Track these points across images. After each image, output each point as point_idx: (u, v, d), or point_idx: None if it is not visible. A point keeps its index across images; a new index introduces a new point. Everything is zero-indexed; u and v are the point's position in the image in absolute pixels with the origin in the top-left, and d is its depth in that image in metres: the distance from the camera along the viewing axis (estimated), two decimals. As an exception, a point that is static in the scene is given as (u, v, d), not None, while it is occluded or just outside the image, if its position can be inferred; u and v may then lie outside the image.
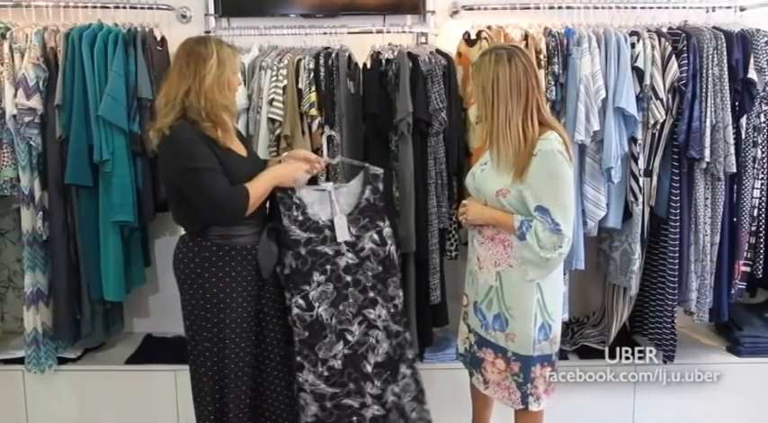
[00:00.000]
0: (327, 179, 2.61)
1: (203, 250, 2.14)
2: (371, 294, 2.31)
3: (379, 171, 2.35)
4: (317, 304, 2.25)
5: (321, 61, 2.68)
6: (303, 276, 2.24)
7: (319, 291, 2.26)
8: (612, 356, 2.91)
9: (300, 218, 2.25)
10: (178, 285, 2.21)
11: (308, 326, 2.24)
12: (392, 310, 2.34)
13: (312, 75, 2.66)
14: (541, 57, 2.66)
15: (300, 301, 2.24)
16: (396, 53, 2.71)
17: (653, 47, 2.68)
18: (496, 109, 2.05)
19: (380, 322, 2.32)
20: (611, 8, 2.84)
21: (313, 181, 2.41)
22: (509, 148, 2.05)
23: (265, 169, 2.25)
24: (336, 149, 2.68)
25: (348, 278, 2.28)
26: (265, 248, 2.19)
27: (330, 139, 2.68)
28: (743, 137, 2.77)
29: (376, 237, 2.32)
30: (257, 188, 2.12)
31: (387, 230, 2.34)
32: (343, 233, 2.28)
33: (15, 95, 2.62)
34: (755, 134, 2.80)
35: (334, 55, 2.70)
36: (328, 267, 2.26)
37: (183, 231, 2.25)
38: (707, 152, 2.68)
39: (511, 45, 2.14)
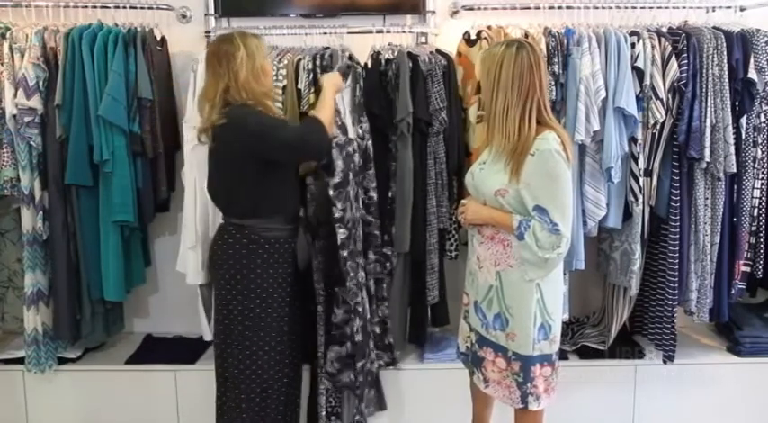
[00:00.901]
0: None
1: (251, 243, 2.26)
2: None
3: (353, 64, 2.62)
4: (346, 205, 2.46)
5: (319, 62, 2.68)
6: (348, 182, 2.45)
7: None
8: (612, 356, 2.93)
9: (340, 123, 2.45)
10: (216, 277, 2.30)
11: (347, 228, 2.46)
12: (366, 202, 2.62)
13: (311, 75, 2.66)
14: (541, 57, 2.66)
15: (341, 208, 2.43)
16: (396, 53, 2.71)
17: (653, 47, 2.68)
18: (495, 95, 2.06)
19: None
20: (611, 8, 2.84)
21: None
22: (503, 138, 2.06)
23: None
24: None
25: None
26: (302, 241, 2.35)
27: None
28: (743, 137, 2.77)
29: (359, 131, 2.55)
30: (325, 109, 2.30)
31: (365, 125, 2.59)
32: (351, 130, 2.49)
33: (15, 95, 2.62)
34: (755, 134, 2.80)
35: (328, 55, 2.70)
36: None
37: (220, 221, 2.36)
38: (707, 152, 2.68)
39: (525, 41, 2.13)
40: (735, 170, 2.73)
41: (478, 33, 2.77)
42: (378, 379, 2.79)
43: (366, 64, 2.74)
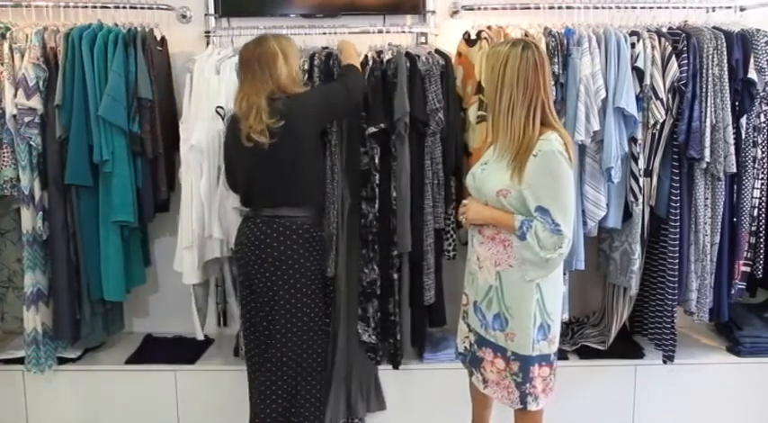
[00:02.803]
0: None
1: (315, 238, 2.41)
2: None
3: None
4: None
5: (316, 62, 2.68)
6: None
7: None
8: (612, 356, 2.93)
9: None
10: (246, 269, 2.38)
11: None
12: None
13: (306, 76, 2.66)
14: (541, 57, 2.66)
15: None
16: (394, 53, 2.71)
17: (653, 47, 2.68)
18: (500, 94, 2.05)
19: None
20: (611, 8, 2.84)
21: None
22: (507, 137, 2.05)
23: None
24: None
25: None
26: (327, 230, 2.60)
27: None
28: (743, 137, 2.77)
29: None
30: (353, 57, 2.59)
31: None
32: None
33: (15, 95, 2.62)
34: (755, 134, 2.80)
35: (324, 54, 2.71)
36: None
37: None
38: (707, 152, 2.68)
39: (530, 41, 2.14)
40: (735, 170, 2.72)
41: (478, 33, 2.77)
42: (377, 379, 2.80)
43: (364, 63, 2.73)
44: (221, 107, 2.61)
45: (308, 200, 2.43)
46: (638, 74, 2.67)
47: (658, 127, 2.71)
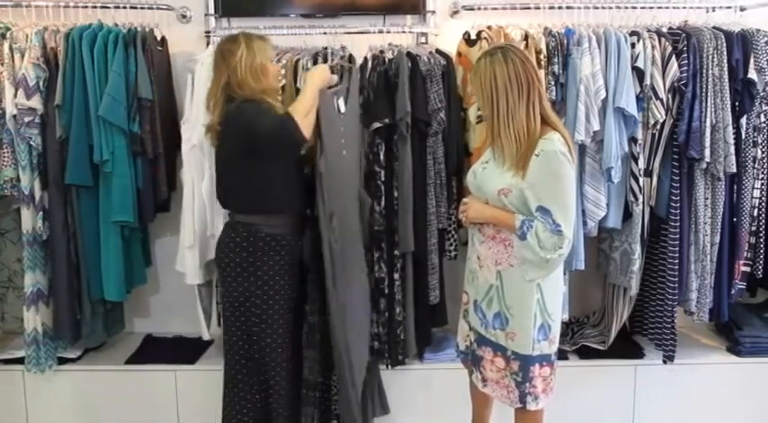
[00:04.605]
0: None
1: (258, 240, 2.29)
2: None
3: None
4: None
5: (321, 61, 2.67)
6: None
7: None
8: (612, 356, 2.93)
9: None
10: (223, 275, 2.33)
11: None
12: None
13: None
14: (541, 57, 2.66)
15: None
16: (395, 53, 2.71)
17: (653, 47, 2.68)
18: (496, 103, 2.04)
19: None
20: (611, 8, 2.84)
21: None
22: (511, 142, 2.05)
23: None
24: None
25: None
26: (308, 239, 2.39)
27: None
28: (743, 137, 2.77)
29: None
30: (301, 103, 2.28)
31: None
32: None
33: (15, 95, 2.62)
34: (755, 134, 2.80)
35: (323, 54, 2.71)
36: None
37: (225, 220, 2.39)
38: (707, 152, 2.68)
39: (504, 44, 2.15)
40: (735, 170, 2.72)
41: (478, 33, 2.77)
42: (381, 384, 2.78)
43: (363, 64, 2.74)
44: None
45: (263, 207, 2.32)
46: (638, 74, 2.67)
47: (658, 127, 2.71)
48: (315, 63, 2.68)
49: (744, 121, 2.76)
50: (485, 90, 2.06)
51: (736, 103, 2.74)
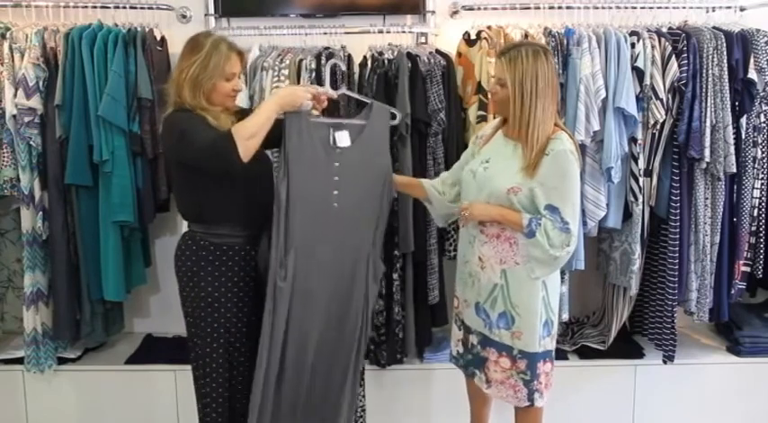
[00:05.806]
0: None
1: (201, 249, 2.16)
2: None
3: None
4: None
5: (324, 61, 2.67)
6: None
7: None
8: (612, 356, 2.93)
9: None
10: (178, 284, 2.24)
11: None
12: None
13: (314, 75, 2.66)
14: (541, 57, 2.66)
15: None
16: (395, 53, 2.71)
17: (653, 47, 2.68)
18: (533, 105, 2.02)
19: None
20: (611, 8, 2.84)
21: None
22: (535, 144, 2.04)
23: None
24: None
25: None
26: (263, 249, 2.20)
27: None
28: (743, 137, 2.77)
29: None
30: (249, 122, 2.02)
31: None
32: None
33: (15, 95, 2.62)
34: (755, 134, 2.80)
35: (327, 55, 2.69)
36: None
37: (184, 230, 2.26)
38: (707, 152, 2.68)
39: (541, 45, 2.14)
40: (735, 170, 2.73)
41: (478, 33, 2.77)
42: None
43: (363, 64, 2.73)
44: None
45: (200, 217, 2.17)
46: (638, 74, 2.67)
47: (658, 127, 2.71)
48: (318, 63, 2.68)
49: (744, 121, 2.76)
50: (522, 86, 2.03)
51: (736, 103, 2.74)
